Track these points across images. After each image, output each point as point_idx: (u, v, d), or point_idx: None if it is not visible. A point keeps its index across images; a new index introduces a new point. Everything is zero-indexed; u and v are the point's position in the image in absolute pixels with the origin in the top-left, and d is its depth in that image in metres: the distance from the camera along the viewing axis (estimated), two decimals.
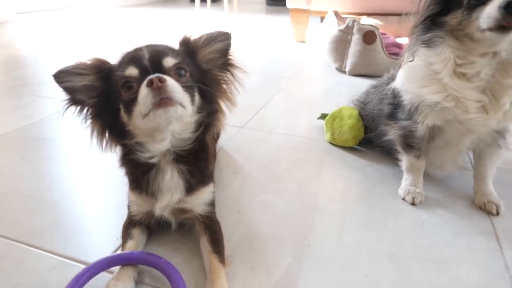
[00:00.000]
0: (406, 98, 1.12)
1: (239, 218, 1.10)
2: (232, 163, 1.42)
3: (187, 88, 0.82)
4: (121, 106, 0.83)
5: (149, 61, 0.81)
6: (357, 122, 1.49)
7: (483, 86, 0.99)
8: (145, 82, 0.76)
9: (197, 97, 0.86)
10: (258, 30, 4.42)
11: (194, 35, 0.92)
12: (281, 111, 1.96)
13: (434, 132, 1.14)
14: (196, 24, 4.85)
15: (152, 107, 0.76)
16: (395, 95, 1.19)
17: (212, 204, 0.98)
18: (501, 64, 0.96)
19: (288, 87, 2.35)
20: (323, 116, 1.66)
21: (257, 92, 2.19)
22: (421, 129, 1.11)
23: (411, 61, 1.06)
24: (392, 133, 1.22)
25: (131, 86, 0.80)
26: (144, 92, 0.76)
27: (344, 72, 2.58)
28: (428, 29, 1.02)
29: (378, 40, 2.39)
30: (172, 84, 0.77)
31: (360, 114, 1.50)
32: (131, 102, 0.80)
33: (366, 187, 1.26)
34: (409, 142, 1.17)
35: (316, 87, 2.41)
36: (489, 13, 0.88)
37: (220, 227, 0.97)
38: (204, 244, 0.91)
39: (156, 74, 0.76)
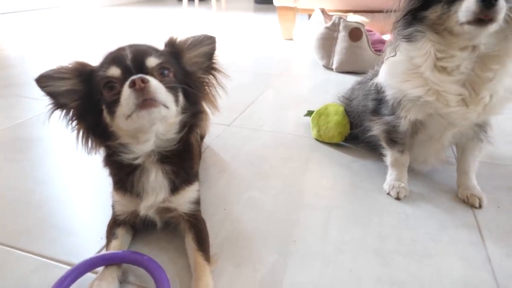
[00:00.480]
0: (389, 93, 1.13)
1: (225, 215, 1.10)
2: (218, 161, 1.42)
3: (170, 88, 0.81)
4: (103, 107, 0.83)
5: (131, 61, 0.80)
6: (342, 118, 1.49)
7: (463, 80, 1.00)
8: (127, 83, 0.75)
9: (181, 98, 0.86)
10: (246, 29, 4.42)
11: (180, 37, 0.92)
12: (268, 108, 1.96)
13: (416, 127, 1.15)
14: (184, 23, 4.82)
15: (135, 108, 0.75)
16: (378, 90, 1.20)
17: (197, 202, 0.98)
18: (480, 57, 0.97)
19: (276, 84, 2.35)
20: (310, 113, 1.66)
21: (245, 90, 2.19)
22: (404, 124, 1.12)
23: (393, 56, 1.07)
24: (376, 129, 1.23)
25: (113, 86, 0.79)
26: (126, 93, 0.75)
27: (331, 69, 2.59)
28: (409, 24, 1.03)
29: (364, 37, 2.40)
30: (155, 85, 0.76)
31: (345, 111, 1.51)
32: (113, 103, 0.79)
33: (351, 183, 1.27)
34: (393, 137, 1.18)
35: (303, 84, 2.42)
36: (467, 7, 0.89)
37: (205, 225, 0.97)
38: (189, 242, 0.91)
39: (139, 75, 0.75)
